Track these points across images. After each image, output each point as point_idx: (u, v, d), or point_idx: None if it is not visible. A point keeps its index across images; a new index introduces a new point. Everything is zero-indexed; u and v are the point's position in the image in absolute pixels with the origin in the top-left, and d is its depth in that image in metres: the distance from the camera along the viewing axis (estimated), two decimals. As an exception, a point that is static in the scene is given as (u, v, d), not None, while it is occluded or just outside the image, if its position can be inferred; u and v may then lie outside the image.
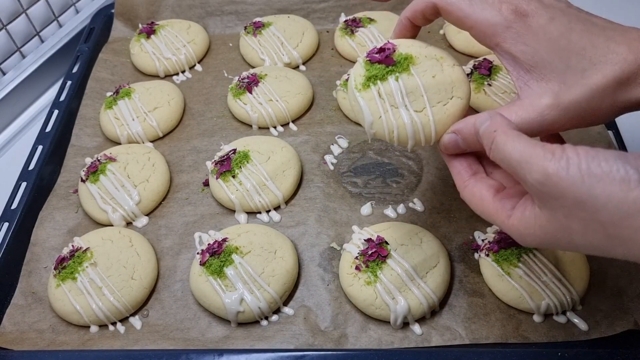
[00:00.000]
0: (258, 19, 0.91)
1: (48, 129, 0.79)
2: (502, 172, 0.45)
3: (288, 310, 0.60)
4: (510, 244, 0.59)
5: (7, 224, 0.68)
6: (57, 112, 0.82)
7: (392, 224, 0.64)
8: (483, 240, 0.63)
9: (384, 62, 0.47)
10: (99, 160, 0.72)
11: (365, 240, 0.61)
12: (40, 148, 0.77)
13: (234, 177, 0.68)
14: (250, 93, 0.78)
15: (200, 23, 0.95)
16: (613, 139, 0.71)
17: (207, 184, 0.72)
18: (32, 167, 0.75)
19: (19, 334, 0.60)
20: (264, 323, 0.59)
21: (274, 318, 0.60)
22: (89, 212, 0.70)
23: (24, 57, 0.95)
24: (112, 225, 0.68)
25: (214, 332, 0.59)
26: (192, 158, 0.76)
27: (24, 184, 0.73)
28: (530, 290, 0.56)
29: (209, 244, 0.62)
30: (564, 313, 0.57)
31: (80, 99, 0.84)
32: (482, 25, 0.43)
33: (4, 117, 0.90)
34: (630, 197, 0.31)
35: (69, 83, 0.86)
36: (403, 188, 0.70)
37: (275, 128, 0.78)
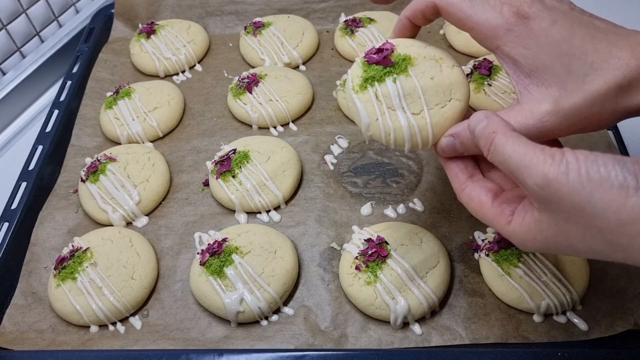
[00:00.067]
0: (258, 19, 0.91)
1: (48, 129, 0.79)
2: (499, 172, 0.45)
3: (288, 310, 0.60)
4: (510, 244, 0.59)
5: (7, 224, 0.68)
6: (57, 112, 0.82)
7: (392, 224, 0.64)
8: (483, 240, 0.63)
9: (382, 63, 0.46)
10: (99, 160, 0.72)
11: (365, 240, 0.60)
12: (40, 148, 0.77)
13: (234, 177, 0.68)
14: (250, 93, 0.78)
15: (200, 23, 0.95)
16: (613, 139, 0.71)
17: (207, 184, 0.72)
18: (32, 167, 0.74)
19: (19, 334, 0.60)
20: (264, 323, 0.59)
21: (274, 318, 0.60)
22: (89, 212, 0.70)
23: (24, 57, 0.95)
24: (112, 225, 0.68)
25: (214, 332, 0.59)
26: (192, 158, 0.76)
27: (24, 184, 0.72)
28: (530, 290, 0.56)
29: (209, 244, 0.62)
30: (564, 313, 0.57)
31: (80, 99, 0.84)
32: (482, 27, 0.43)
33: (4, 117, 0.89)
34: (628, 204, 0.31)
35: (69, 83, 0.86)
36: (403, 188, 0.70)
37: (275, 128, 0.78)
